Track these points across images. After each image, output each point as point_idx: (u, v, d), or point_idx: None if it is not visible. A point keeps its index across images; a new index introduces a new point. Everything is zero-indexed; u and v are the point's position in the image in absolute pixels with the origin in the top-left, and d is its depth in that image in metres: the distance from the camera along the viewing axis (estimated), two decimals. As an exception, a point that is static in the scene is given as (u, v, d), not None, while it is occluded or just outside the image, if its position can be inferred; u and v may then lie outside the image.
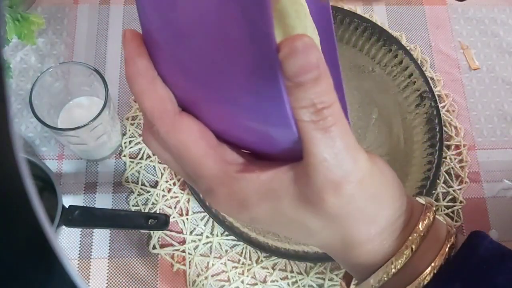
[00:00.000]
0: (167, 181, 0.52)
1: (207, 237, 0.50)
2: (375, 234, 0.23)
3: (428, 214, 0.24)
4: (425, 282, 0.23)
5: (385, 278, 0.23)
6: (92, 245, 0.49)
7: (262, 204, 0.21)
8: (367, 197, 0.22)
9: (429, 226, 0.24)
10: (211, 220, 0.50)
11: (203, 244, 0.50)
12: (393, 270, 0.23)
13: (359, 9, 0.62)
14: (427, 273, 0.23)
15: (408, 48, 0.58)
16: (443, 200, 0.54)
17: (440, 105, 0.56)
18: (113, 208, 0.50)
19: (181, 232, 0.50)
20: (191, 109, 0.22)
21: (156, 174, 0.52)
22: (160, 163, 0.53)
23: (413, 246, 0.23)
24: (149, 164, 0.53)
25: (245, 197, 0.21)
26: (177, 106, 0.22)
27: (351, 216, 0.22)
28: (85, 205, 0.50)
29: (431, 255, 0.23)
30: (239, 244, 0.50)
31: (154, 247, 0.49)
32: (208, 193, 0.22)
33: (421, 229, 0.23)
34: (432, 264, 0.23)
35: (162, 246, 0.49)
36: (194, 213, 0.51)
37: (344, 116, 0.20)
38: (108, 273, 0.48)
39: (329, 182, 0.20)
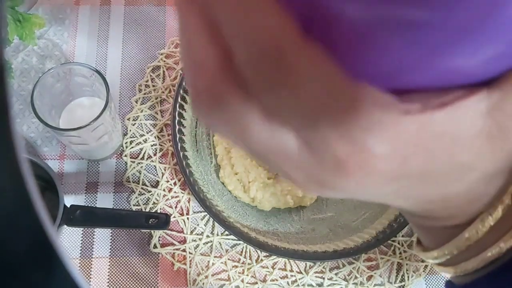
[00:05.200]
0: (167, 181, 0.52)
1: (208, 236, 0.50)
2: None
3: None
4: None
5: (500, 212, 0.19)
6: (93, 244, 0.49)
7: (427, 152, 0.16)
8: None
9: None
10: (211, 219, 0.51)
11: (204, 243, 0.50)
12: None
13: None
14: None
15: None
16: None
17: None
18: (114, 207, 0.51)
19: (182, 232, 0.50)
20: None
21: (157, 174, 0.53)
22: (161, 163, 0.53)
23: None
24: (150, 164, 0.53)
25: (405, 145, 0.15)
26: None
27: None
28: (86, 205, 0.50)
29: None
30: (239, 244, 0.50)
31: (155, 246, 0.49)
32: (355, 141, 0.15)
33: None
34: None
35: (162, 245, 0.50)
36: (194, 212, 0.51)
37: None
38: (109, 272, 0.48)
39: None
